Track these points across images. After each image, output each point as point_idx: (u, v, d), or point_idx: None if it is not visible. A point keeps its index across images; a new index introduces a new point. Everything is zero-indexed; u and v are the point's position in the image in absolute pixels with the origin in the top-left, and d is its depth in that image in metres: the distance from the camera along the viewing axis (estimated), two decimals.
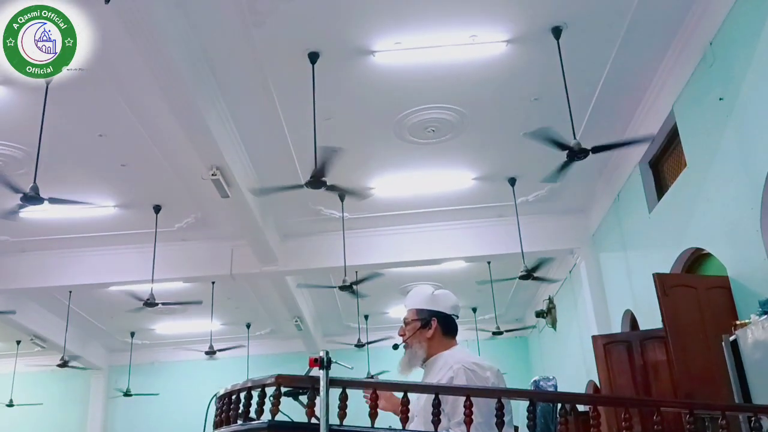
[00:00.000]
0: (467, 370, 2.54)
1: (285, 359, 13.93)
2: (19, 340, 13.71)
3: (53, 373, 13.32)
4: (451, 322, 2.79)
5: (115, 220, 9.41)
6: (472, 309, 13.59)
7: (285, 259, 10.10)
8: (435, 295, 2.82)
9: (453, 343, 2.77)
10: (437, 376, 2.61)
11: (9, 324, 11.75)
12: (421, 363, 2.76)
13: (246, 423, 2.38)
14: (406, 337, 2.79)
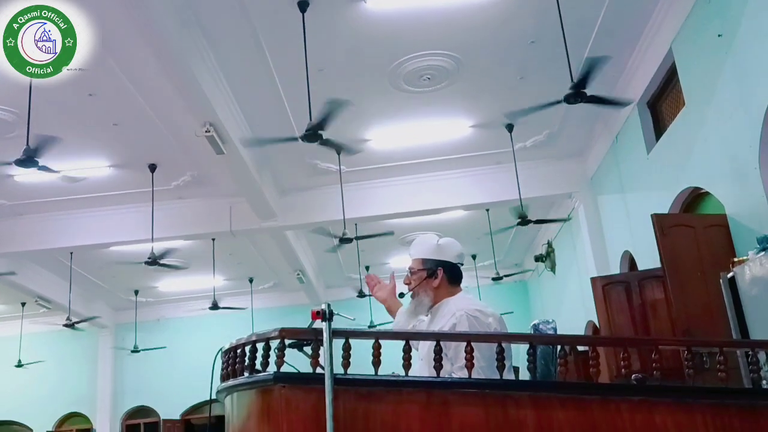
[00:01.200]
0: (470, 316, 2.60)
1: (288, 312, 14.08)
2: (24, 302, 13.85)
3: (60, 332, 13.47)
4: (456, 270, 2.84)
5: (112, 181, 9.38)
6: (471, 256, 13.68)
7: (284, 214, 10.11)
8: (440, 245, 2.86)
9: (457, 290, 2.83)
10: (441, 322, 2.67)
11: (12, 286, 11.83)
12: (426, 310, 2.81)
13: (252, 375, 2.42)
14: (412, 287, 2.83)
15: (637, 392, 2.39)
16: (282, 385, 2.32)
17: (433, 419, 2.28)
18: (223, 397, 2.66)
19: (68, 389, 15.38)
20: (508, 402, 2.30)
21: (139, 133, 8.24)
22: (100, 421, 15.35)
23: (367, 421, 2.27)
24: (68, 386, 15.38)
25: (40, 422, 15.40)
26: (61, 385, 15.30)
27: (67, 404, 15.52)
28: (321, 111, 6.19)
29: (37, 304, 13.32)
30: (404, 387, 2.35)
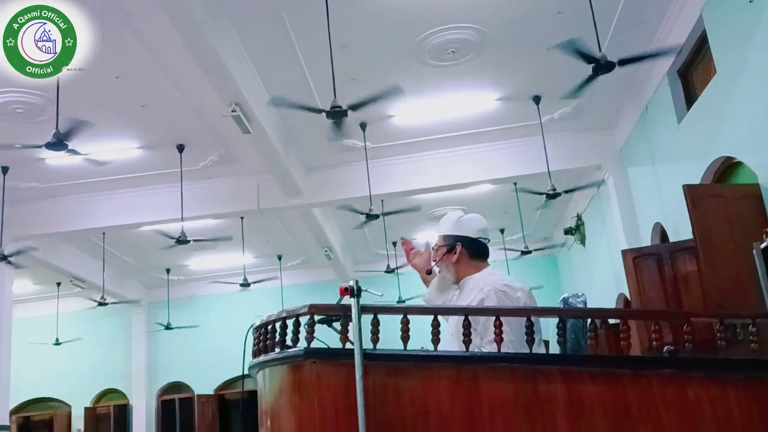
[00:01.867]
0: (498, 291, 2.59)
1: (317, 288, 14.19)
2: (59, 282, 14.14)
3: (95, 311, 13.74)
4: (479, 245, 2.82)
5: (141, 162, 9.48)
6: (499, 230, 13.61)
7: (310, 192, 10.15)
8: (460, 221, 2.86)
9: (484, 265, 2.81)
10: (468, 297, 2.67)
11: (47, 267, 12.08)
12: (452, 285, 2.83)
13: (283, 351, 2.45)
14: (435, 261, 2.85)
15: (668, 365, 2.36)
16: (312, 361, 2.35)
17: (462, 394, 2.29)
18: (255, 372, 2.69)
19: (105, 366, 15.70)
20: (538, 376, 2.30)
21: (166, 114, 8.31)
22: (136, 397, 15.68)
23: (397, 396, 2.29)
24: (105, 363, 15.71)
25: (78, 398, 15.79)
26: (98, 363, 15.63)
27: (104, 381, 15.87)
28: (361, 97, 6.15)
29: (72, 283, 13.60)
30: (433, 362, 2.35)
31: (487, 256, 2.85)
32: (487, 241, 2.87)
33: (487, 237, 2.88)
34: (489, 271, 2.80)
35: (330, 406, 2.32)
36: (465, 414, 2.26)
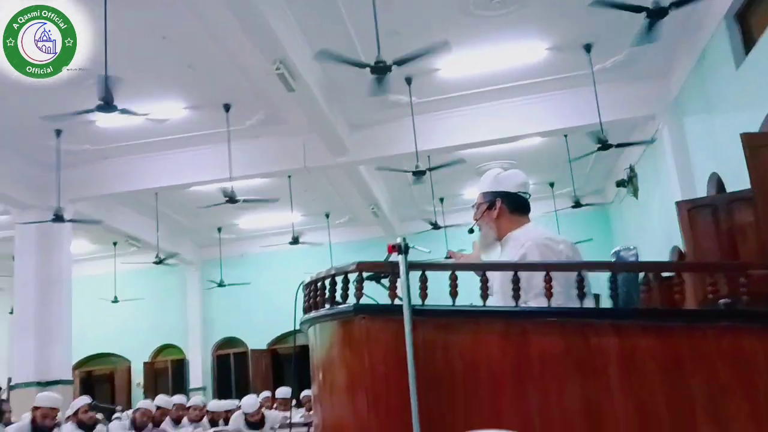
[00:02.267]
0: (539, 245, 2.58)
1: (365, 245, 14.28)
2: (116, 242, 14.57)
3: (151, 269, 14.15)
4: (519, 200, 2.80)
5: (189, 122, 9.59)
6: (549, 183, 13.42)
7: (356, 149, 10.14)
8: (499, 176, 2.84)
9: (525, 220, 2.80)
10: (509, 254, 2.67)
11: (103, 228, 12.43)
12: (494, 240, 2.81)
13: (333, 307, 2.48)
14: (476, 219, 2.85)
15: (724, 318, 2.31)
16: (362, 317, 2.38)
17: (512, 348, 2.29)
18: (306, 328, 2.74)
19: (161, 322, 16.20)
20: (588, 330, 2.28)
21: (212, 74, 8.35)
22: (192, 352, 16.17)
23: (446, 351, 2.30)
24: (161, 320, 16.20)
25: (137, 354, 16.37)
26: (155, 319, 16.13)
27: (161, 336, 16.40)
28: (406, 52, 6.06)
29: (128, 243, 14.00)
30: (482, 317, 2.35)
31: (528, 211, 2.82)
32: (527, 196, 2.83)
33: (528, 192, 2.85)
34: (530, 226, 2.78)
35: (380, 360, 2.35)
36: (515, 368, 2.26)
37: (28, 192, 10.19)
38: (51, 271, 10.42)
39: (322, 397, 2.68)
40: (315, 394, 2.78)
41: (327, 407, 2.64)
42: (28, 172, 10.21)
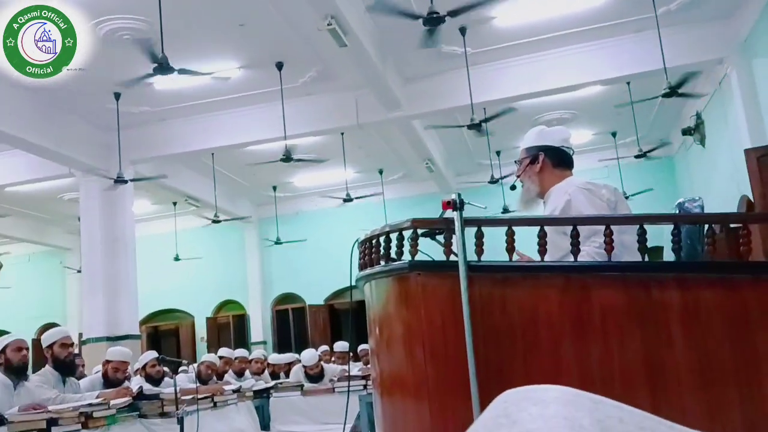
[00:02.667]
0: (581, 189, 2.60)
1: (419, 201, 14.24)
2: (175, 201, 14.92)
3: (210, 228, 14.46)
4: (562, 154, 2.80)
5: (242, 82, 9.64)
6: (611, 133, 13.06)
7: (409, 103, 10.03)
8: (543, 131, 2.87)
9: (567, 174, 2.79)
10: (552, 205, 2.66)
11: (163, 187, 12.74)
12: (536, 197, 2.82)
13: (388, 264, 2.48)
14: (518, 175, 2.88)
15: None
16: (417, 273, 2.37)
17: (572, 302, 2.26)
18: (362, 284, 2.76)
19: (222, 279, 16.60)
20: (651, 284, 2.24)
21: (264, 32, 8.34)
22: (252, 308, 16.56)
23: (504, 305, 2.29)
24: (222, 276, 16.60)
25: (200, 309, 16.87)
26: (216, 276, 16.54)
27: (222, 293, 16.83)
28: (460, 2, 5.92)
29: (187, 202, 14.32)
30: (541, 272, 2.33)
31: (572, 166, 2.82)
32: (571, 152, 2.83)
33: (571, 147, 2.84)
34: (572, 178, 2.77)
35: (436, 315, 2.36)
36: (575, 321, 2.24)
37: (91, 154, 10.47)
38: (115, 230, 10.73)
39: (379, 351, 2.71)
40: (372, 348, 2.82)
41: (384, 361, 2.67)
42: (90, 135, 10.47)
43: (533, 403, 0.30)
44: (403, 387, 2.49)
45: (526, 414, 0.28)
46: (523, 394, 0.32)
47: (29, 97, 9.11)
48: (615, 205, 2.62)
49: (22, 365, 4.35)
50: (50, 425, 3.70)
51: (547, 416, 0.26)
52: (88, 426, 3.96)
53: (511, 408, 0.29)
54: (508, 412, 0.29)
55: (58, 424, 3.76)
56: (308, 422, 6.15)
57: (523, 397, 0.31)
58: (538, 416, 0.27)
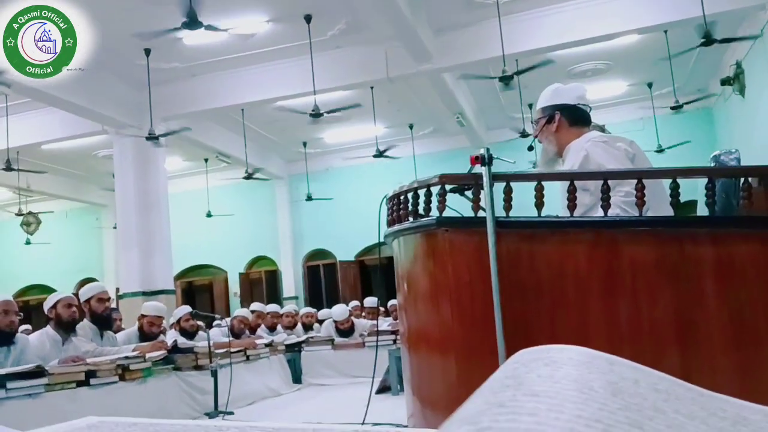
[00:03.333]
0: (597, 143, 2.56)
1: (450, 156, 14.14)
2: (207, 158, 15.02)
3: (241, 184, 14.56)
4: (579, 112, 2.77)
5: (271, 36, 9.56)
6: (647, 84, 12.74)
7: (440, 56, 9.86)
8: (557, 90, 2.83)
9: (584, 131, 2.75)
10: (570, 162, 2.62)
11: (194, 144, 12.81)
12: (555, 156, 2.80)
13: (416, 220, 2.47)
14: (536, 135, 2.86)
15: None
16: (445, 229, 2.36)
17: (601, 258, 2.23)
18: (391, 240, 2.76)
19: (254, 235, 16.78)
20: (684, 239, 2.19)
21: None
22: (284, 264, 16.75)
23: (531, 261, 2.27)
24: (254, 233, 16.77)
25: (232, 265, 17.09)
26: (247, 232, 16.71)
27: (254, 249, 17.01)
28: None
29: (218, 159, 14.41)
30: (570, 227, 2.29)
31: (589, 123, 2.78)
32: (588, 109, 2.79)
33: (588, 104, 2.81)
34: (590, 134, 2.73)
35: (464, 270, 2.35)
36: (604, 277, 2.21)
37: (122, 111, 10.54)
38: (149, 187, 10.87)
39: (407, 307, 2.72)
40: (400, 303, 2.83)
41: (412, 316, 2.68)
42: (122, 92, 10.54)
43: (545, 363, 0.28)
44: (430, 342, 2.50)
45: (535, 375, 0.26)
46: (536, 354, 0.30)
47: None
48: (633, 157, 2.57)
49: (71, 321, 4.47)
50: (89, 377, 3.81)
51: (556, 378, 0.25)
52: (124, 378, 4.08)
53: (520, 369, 0.28)
54: (517, 373, 0.27)
55: (96, 376, 3.86)
56: (338, 376, 6.25)
57: (535, 358, 0.29)
58: (547, 377, 0.26)
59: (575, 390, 0.23)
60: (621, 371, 0.27)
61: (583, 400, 0.22)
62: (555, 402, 0.22)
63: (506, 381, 0.26)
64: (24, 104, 10.62)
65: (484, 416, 0.21)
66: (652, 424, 0.22)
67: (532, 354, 0.31)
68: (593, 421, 0.21)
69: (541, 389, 0.23)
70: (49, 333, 4.37)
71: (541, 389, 0.23)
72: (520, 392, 0.23)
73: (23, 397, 3.41)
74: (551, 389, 0.23)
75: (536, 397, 0.22)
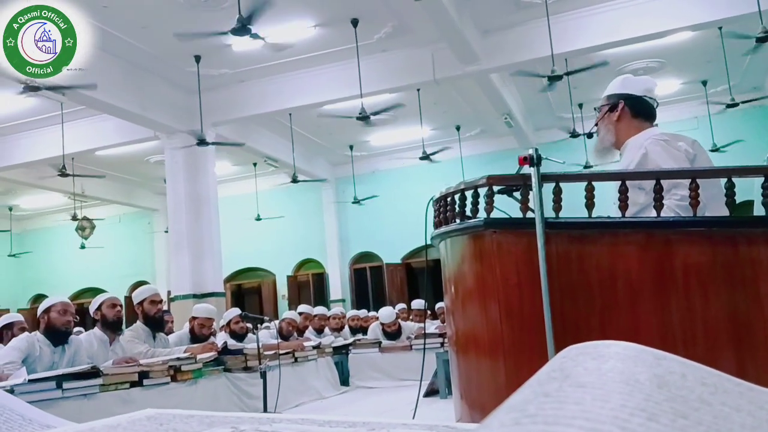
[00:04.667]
0: (657, 141, 2.48)
1: (497, 157, 14.03)
2: (255, 162, 15.24)
3: (289, 188, 14.71)
4: (644, 105, 2.68)
5: (318, 41, 9.66)
6: (701, 82, 12.45)
7: (487, 57, 9.80)
8: (626, 79, 2.76)
9: (646, 126, 2.66)
10: (628, 159, 2.56)
11: (243, 149, 13.00)
12: (611, 146, 2.72)
13: (463, 222, 2.46)
14: (597, 121, 2.78)
15: None
16: (493, 231, 2.35)
17: (652, 259, 2.19)
18: (438, 242, 2.75)
19: (301, 238, 16.93)
20: (738, 240, 2.14)
21: None
22: (331, 266, 16.84)
23: (582, 263, 2.24)
24: (301, 236, 16.92)
25: (280, 268, 17.27)
26: (295, 235, 16.87)
27: (301, 252, 17.16)
28: None
29: (266, 163, 14.60)
30: (621, 228, 2.26)
31: (653, 118, 2.68)
32: (655, 104, 2.70)
33: (655, 99, 2.71)
34: (652, 129, 2.64)
35: (512, 272, 2.33)
36: (656, 278, 2.17)
37: (173, 117, 10.76)
38: (199, 191, 11.06)
39: (454, 309, 2.71)
40: (448, 306, 2.82)
41: (459, 318, 2.67)
42: (173, 98, 10.76)
43: (591, 358, 0.28)
44: (479, 345, 2.49)
45: (581, 368, 0.27)
46: (583, 349, 0.31)
47: (115, 64, 9.42)
48: (694, 158, 2.49)
49: (116, 321, 4.59)
50: (141, 378, 3.90)
51: (603, 371, 0.25)
52: (176, 379, 4.16)
53: (567, 363, 0.28)
54: (564, 367, 0.28)
55: (149, 376, 3.95)
56: (386, 378, 6.26)
57: (582, 353, 0.30)
58: (594, 370, 0.26)
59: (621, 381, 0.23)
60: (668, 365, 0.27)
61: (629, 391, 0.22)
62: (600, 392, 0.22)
63: (553, 374, 0.27)
64: (78, 112, 10.95)
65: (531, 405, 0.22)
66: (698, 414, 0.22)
67: (579, 349, 0.32)
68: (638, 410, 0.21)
69: (587, 380, 0.24)
70: (96, 334, 4.48)
71: (587, 380, 0.24)
72: (566, 383, 0.24)
73: (79, 397, 3.50)
74: (597, 381, 0.23)
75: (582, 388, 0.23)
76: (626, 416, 0.20)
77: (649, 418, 0.21)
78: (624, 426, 0.20)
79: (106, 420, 0.45)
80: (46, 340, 4.04)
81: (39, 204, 17.31)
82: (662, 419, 0.21)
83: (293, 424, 0.39)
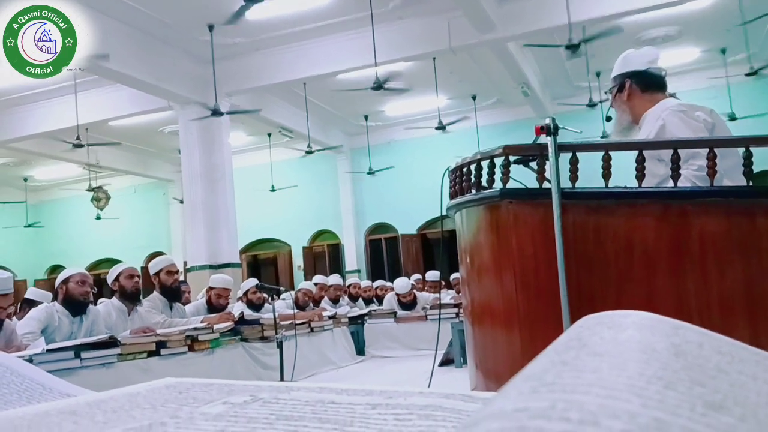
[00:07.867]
0: (675, 112, 2.47)
1: (514, 127, 13.95)
2: (270, 133, 15.22)
3: (303, 159, 14.71)
4: (651, 77, 2.67)
5: (333, 8, 9.56)
6: (720, 50, 12.25)
7: (503, 25, 9.67)
8: (626, 56, 2.74)
9: (659, 97, 2.65)
10: (646, 131, 2.55)
11: (257, 119, 13.00)
12: (630, 124, 2.72)
13: (479, 192, 2.45)
14: (611, 105, 2.80)
15: None
16: (509, 201, 2.34)
17: (669, 230, 2.18)
18: (453, 213, 2.75)
19: (317, 209, 16.97)
20: (756, 211, 2.12)
21: None
22: (347, 237, 16.90)
23: (598, 234, 2.23)
24: (316, 207, 16.96)
25: (296, 239, 17.36)
26: (310, 206, 16.91)
27: (317, 223, 17.22)
28: None
29: (281, 134, 14.58)
30: (638, 199, 2.24)
31: (664, 88, 2.67)
32: (663, 73, 2.69)
33: (660, 68, 2.70)
34: (666, 100, 2.63)
35: (528, 243, 2.32)
36: (672, 249, 2.16)
37: (187, 87, 10.74)
38: (214, 162, 11.08)
39: (469, 280, 2.71)
40: (463, 277, 2.82)
41: (475, 289, 2.67)
42: (187, 68, 10.73)
43: (608, 327, 0.29)
44: (494, 315, 2.50)
45: (598, 338, 0.27)
46: (600, 319, 0.31)
47: (128, 33, 9.39)
48: (712, 127, 2.48)
49: (134, 292, 4.64)
50: (159, 347, 3.95)
51: (620, 340, 0.26)
52: (193, 348, 4.21)
53: (584, 332, 0.29)
54: (581, 336, 0.28)
55: (167, 346, 4.00)
56: (401, 348, 6.31)
57: (598, 322, 0.30)
58: (610, 339, 0.26)
59: (638, 350, 0.23)
60: (685, 334, 0.27)
61: (645, 360, 0.23)
62: (617, 361, 0.23)
63: (570, 343, 0.27)
64: (92, 81, 10.95)
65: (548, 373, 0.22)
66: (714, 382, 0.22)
67: (596, 319, 0.32)
68: (655, 379, 0.21)
69: (604, 349, 0.24)
70: (114, 304, 4.54)
71: (604, 349, 0.24)
72: (583, 352, 0.24)
73: (97, 366, 3.55)
74: (614, 349, 0.24)
75: (599, 357, 0.23)
76: (643, 384, 0.21)
77: (666, 387, 0.21)
78: (641, 394, 0.20)
79: (125, 388, 0.46)
80: (65, 311, 4.10)
81: (54, 175, 17.42)
82: (679, 387, 0.21)
83: (311, 393, 0.40)
